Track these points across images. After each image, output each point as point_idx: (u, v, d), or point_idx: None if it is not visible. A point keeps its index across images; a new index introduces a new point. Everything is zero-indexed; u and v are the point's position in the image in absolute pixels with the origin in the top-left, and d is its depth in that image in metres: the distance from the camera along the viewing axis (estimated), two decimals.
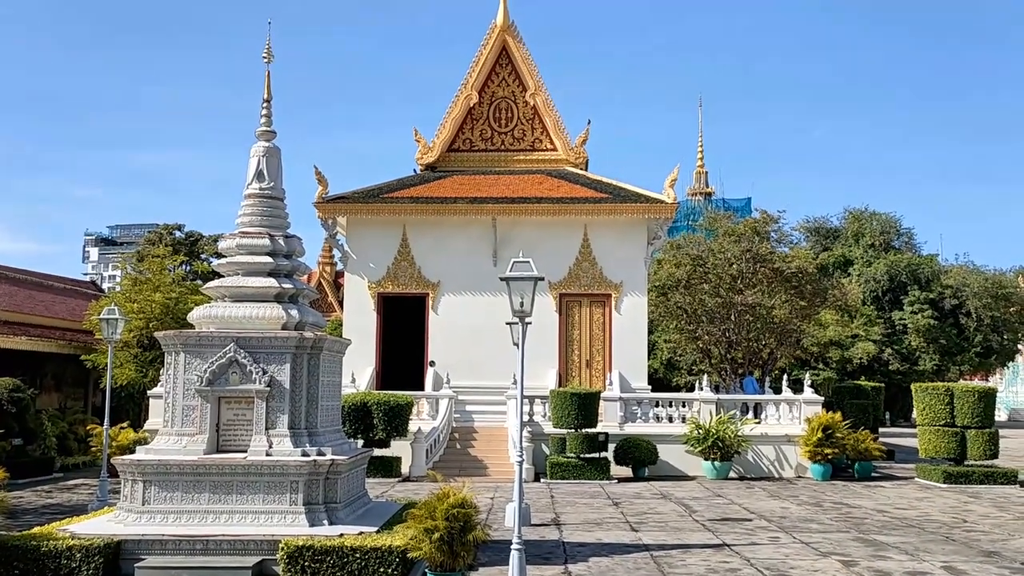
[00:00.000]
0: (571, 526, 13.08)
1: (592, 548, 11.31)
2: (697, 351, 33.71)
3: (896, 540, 11.89)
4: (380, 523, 10.44)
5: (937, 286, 47.18)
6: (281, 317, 10.73)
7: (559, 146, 25.98)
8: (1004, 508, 15.08)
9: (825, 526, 13.13)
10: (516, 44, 25.94)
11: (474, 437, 21.47)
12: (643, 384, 23.76)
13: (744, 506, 15.34)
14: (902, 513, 14.49)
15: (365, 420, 18.97)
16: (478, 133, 26.22)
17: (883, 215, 52.17)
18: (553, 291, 24.18)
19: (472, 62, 26.18)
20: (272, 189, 11.35)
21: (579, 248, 24.42)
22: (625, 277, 24.24)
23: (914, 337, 45.56)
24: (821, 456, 19.73)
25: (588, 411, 19.26)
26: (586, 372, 24.13)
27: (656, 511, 14.69)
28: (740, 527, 13.04)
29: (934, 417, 18.99)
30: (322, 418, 10.81)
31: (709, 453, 19.85)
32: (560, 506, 15.20)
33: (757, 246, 31.80)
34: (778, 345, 33.00)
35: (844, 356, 42.17)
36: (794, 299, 32.08)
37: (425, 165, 26.00)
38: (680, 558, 10.66)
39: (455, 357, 23.42)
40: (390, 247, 24.56)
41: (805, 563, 10.38)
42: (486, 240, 24.20)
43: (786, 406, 21.23)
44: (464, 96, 25.94)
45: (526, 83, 25.95)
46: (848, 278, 46.37)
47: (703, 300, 31.70)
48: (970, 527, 13.01)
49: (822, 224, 53.24)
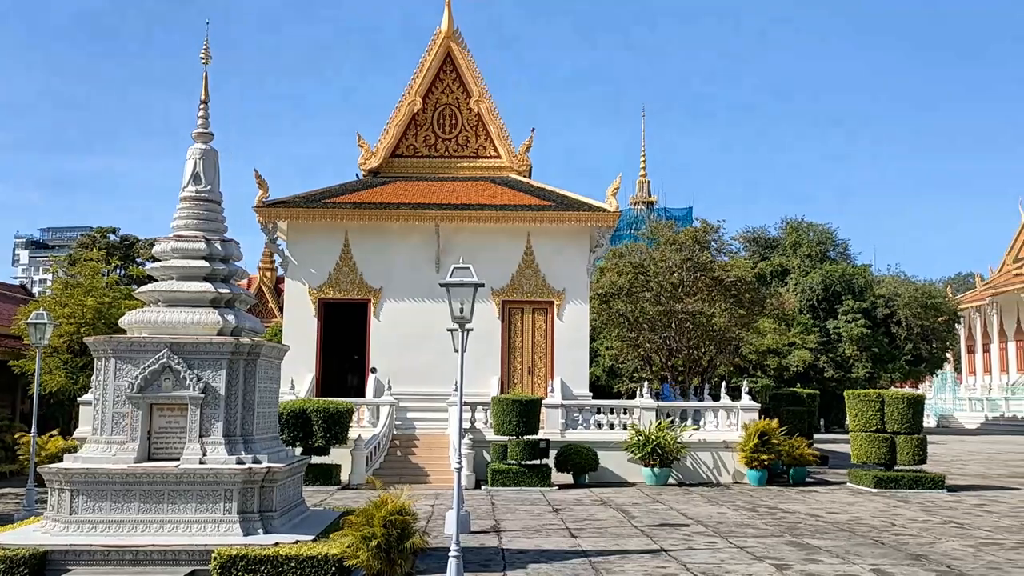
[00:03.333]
0: (511, 533, 13.08)
1: (531, 555, 11.32)
2: (638, 358, 34.04)
3: (828, 544, 12.13)
4: (317, 531, 10.31)
5: (870, 296, 48.39)
6: (217, 322, 10.54)
7: (503, 153, 26.04)
8: (931, 512, 15.49)
9: (760, 531, 13.33)
10: (461, 51, 25.96)
11: (415, 444, 21.35)
12: (585, 391, 23.89)
13: (682, 512, 15.51)
14: (834, 517, 14.79)
15: (304, 427, 18.74)
16: (422, 139, 26.15)
17: (819, 226, 53.37)
18: (496, 298, 24.21)
19: (416, 68, 26.13)
20: (209, 192, 11.16)
21: (522, 255, 24.49)
22: (567, 285, 24.38)
23: (848, 345, 46.62)
24: (757, 462, 20.04)
25: (530, 418, 19.29)
26: (528, 379, 24.18)
27: (596, 517, 14.77)
28: (678, 532, 13.18)
29: (865, 423, 19.43)
30: (258, 425, 10.65)
31: (649, 460, 20.03)
32: (500, 513, 15.19)
33: (698, 255, 32.27)
34: (717, 353, 33.51)
35: (781, 364, 42.96)
36: (733, 307, 32.61)
37: (368, 170, 25.84)
38: (618, 564, 10.72)
39: (397, 364, 23.28)
40: (332, 252, 24.34)
41: (740, 567, 10.53)
42: (429, 246, 24.12)
43: (724, 413, 21.53)
44: (408, 102, 25.85)
45: (470, 90, 25.97)
46: (785, 287, 47.35)
47: (644, 308, 32.04)
48: (899, 531, 13.33)
49: (760, 234, 54.28)
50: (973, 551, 11.61)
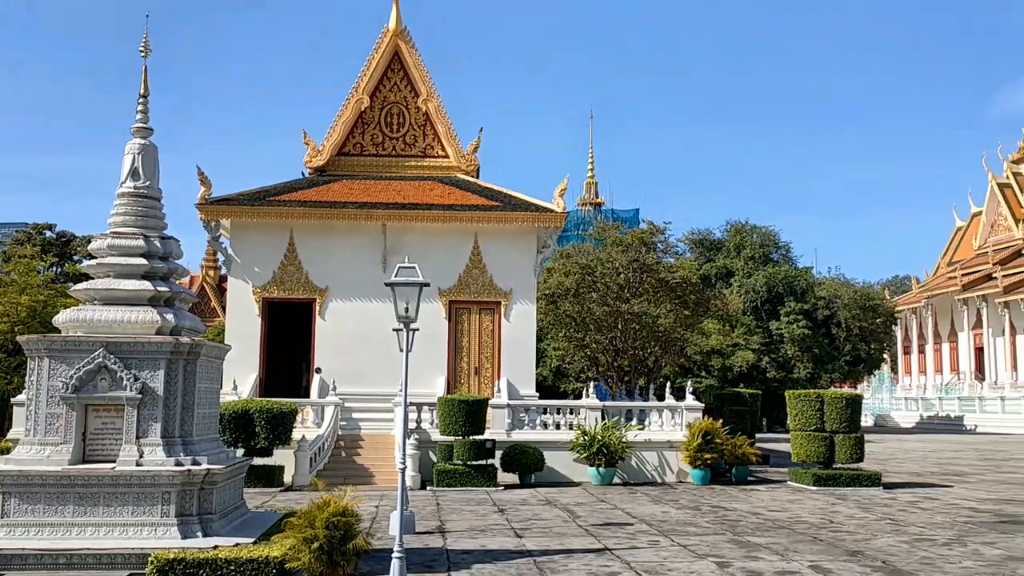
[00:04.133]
0: (456, 533, 13.04)
1: (476, 555, 11.30)
2: (585, 359, 34.25)
3: (768, 541, 12.32)
4: (258, 534, 10.16)
5: (811, 298, 49.35)
6: (155, 321, 10.33)
7: (451, 153, 25.98)
8: (868, 509, 15.83)
9: (703, 529, 13.49)
10: (408, 49, 25.83)
11: (360, 445, 21.18)
12: (531, 391, 23.95)
13: (627, 511, 15.62)
14: (774, 515, 15.04)
15: (246, 428, 18.46)
16: (369, 137, 25.97)
17: (763, 229, 54.29)
18: (443, 298, 24.13)
19: (364, 66, 25.94)
20: (148, 188, 10.93)
21: (469, 255, 24.46)
22: (515, 285, 24.41)
23: (790, 346, 47.48)
24: (701, 461, 20.28)
25: (476, 418, 19.26)
26: (475, 379, 24.16)
27: (541, 517, 14.80)
28: (622, 531, 13.27)
29: (806, 423, 19.78)
30: (198, 426, 10.46)
31: (594, 459, 20.14)
32: (446, 513, 15.14)
33: (644, 256, 32.60)
34: (663, 353, 33.88)
35: (725, 364, 43.60)
36: (678, 308, 32.99)
37: (314, 168, 25.58)
38: (563, 563, 10.76)
39: (343, 364, 23.08)
40: (276, 251, 24.03)
41: (682, 565, 10.64)
42: (376, 246, 23.96)
43: (669, 413, 21.75)
44: (355, 100, 25.65)
45: (418, 89, 25.86)
46: (729, 289, 48.05)
47: (591, 308, 32.26)
48: (836, 527, 13.60)
49: (706, 236, 55.01)
50: (907, 547, 11.89)
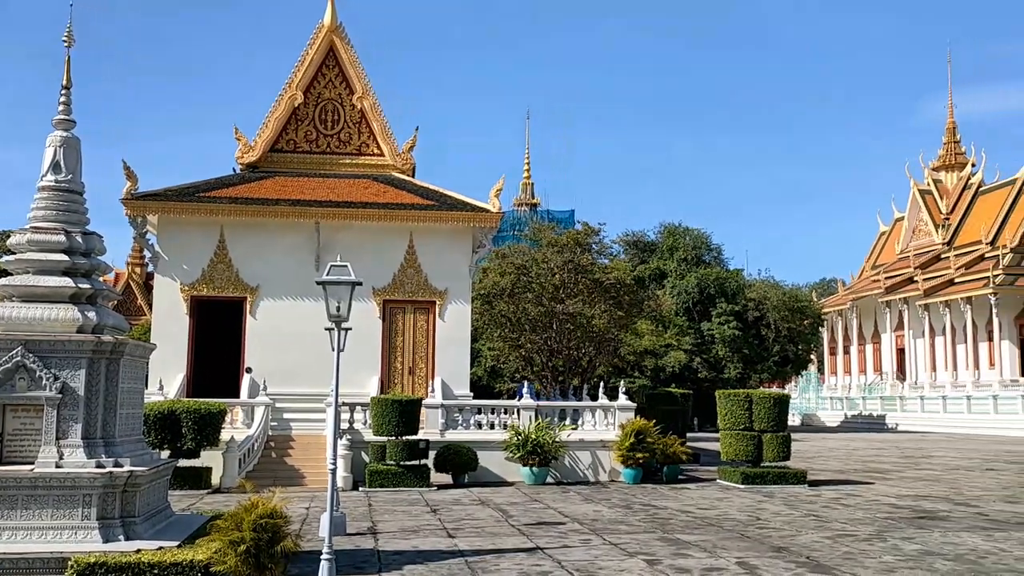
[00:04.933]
0: (388, 534, 12.95)
1: (408, 556, 11.23)
2: (520, 359, 34.38)
3: (697, 538, 12.51)
4: (183, 537, 9.94)
5: (742, 299, 50.33)
6: (77, 319, 10.02)
7: (386, 151, 25.80)
8: (794, 506, 16.20)
9: (633, 527, 13.64)
10: (344, 46, 25.58)
11: (291, 446, 20.89)
12: (466, 391, 23.92)
13: (559, 510, 15.71)
14: (703, 513, 15.28)
15: (173, 429, 18.04)
16: (303, 134, 25.64)
17: (695, 231, 55.21)
18: (377, 297, 23.95)
19: (298, 62, 25.60)
20: (70, 182, 10.59)
21: (404, 255, 24.32)
22: (450, 285, 24.34)
23: (721, 347, 48.34)
24: (633, 460, 20.50)
25: (409, 418, 19.15)
26: (409, 379, 24.03)
27: (474, 517, 14.79)
28: (554, 530, 13.34)
29: (735, 422, 20.15)
30: (121, 427, 10.18)
31: (528, 459, 20.20)
32: (378, 514, 15.03)
33: (579, 257, 32.87)
34: (597, 353, 34.20)
35: (658, 364, 44.19)
36: (613, 309, 33.34)
37: (246, 165, 25.15)
38: (494, 563, 10.77)
39: (274, 363, 22.73)
40: (206, 248, 23.56)
41: (613, 563, 10.73)
42: (309, 244, 23.66)
43: (602, 413, 21.94)
44: (289, 96, 25.30)
45: (353, 86, 25.62)
46: (662, 290, 48.74)
47: (526, 309, 32.39)
48: (763, 524, 13.88)
49: (639, 238, 55.71)
50: (830, 542, 12.20)
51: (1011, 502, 16.92)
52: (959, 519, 14.52)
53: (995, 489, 19.25)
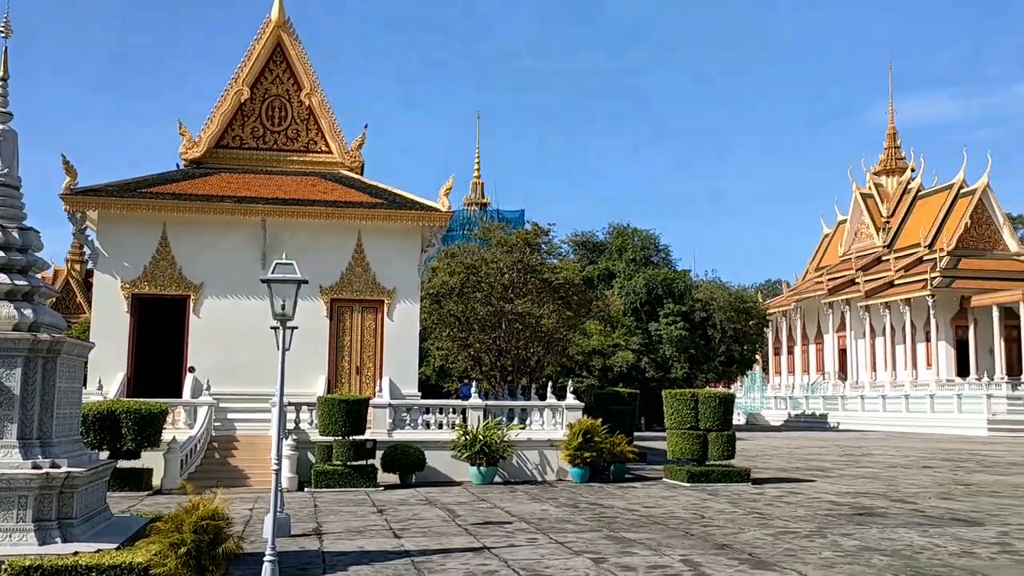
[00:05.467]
0: (333, 535, 12.83)
1: (353, 557, 11.14)
2: (468, 358, 34.34)
3: (642, 536, 12.62)
4: (122, 539, 9.73)
5: (689, 300, 50.91)
6: (12, 317, 9.75)
7: (335, 149, 25.58)
8: (737, 504, 16.43)
9: (580, 526, 13.71)
10: (292, 41, 25.29)
11: (235, 446, 20.59)
12: (414, 391, 23.82)
13: (506, 509, 15.72)
14: (649, 511, 15.42)
15: (112, 429, 17.65)
16: (249, 130, 25.29)
17: (644, 232, 55.70)
18: (324, 296, 23.73)
19: (245, 56, 25.26)
20: (6, 176, 10.30)
21: (352, 253, 24.13)
22: (398, 284, 24.22)
23: (668, 347, 48.84)
24: (581, 460, 20.61)
25: (356, 418, 19.01)
26: (356, 379, 23.85)
27: (421, 517, 14.73)
28: (501, 530, 13.34)
29: (681, 421, 20.36)
30: (58, 427, 9.94)
31: (476, 459, 20.19)
32: (323, 515, 14.88)
33: (528, 257, 32.94)
34: (546, 353, 34.31)
35: (606, 364, 44.50)
36: (561, 309, 33.49)
37: (190, 160, 24.73)
38: (440, 563, 10.73)
39: (218, 363, 22.38)
40: (148, 245, 23.11)
41: (559, 562, 10.77)
42: (255, 242, 23.34)
43: (550, 412, 22.02)
44: (235, 91, 24.94)
45: (301, 82, 25.35)
46: (611, 290, 49.10)
47: (475, 308, 32.37)
48: (707, 522, 14.05)
49: (589, 238, 56.04)
50: (772, 539, 12.40)
51: (945, 499, 17.38)
52: (896, 516, 14.86)
53: (931, 486, 19.76)
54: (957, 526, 13.70)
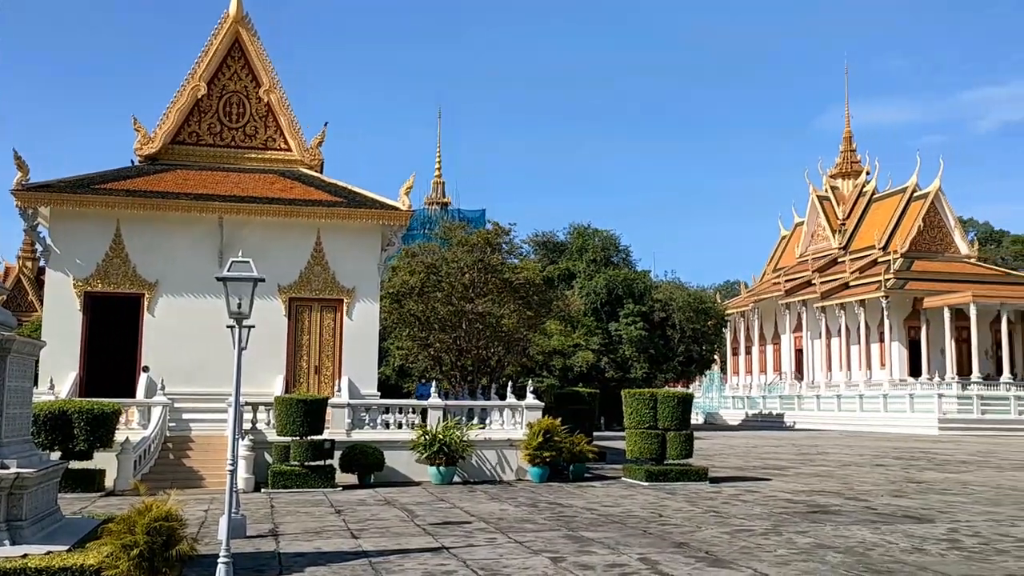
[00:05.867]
0: (290, 536, 12.70)
1: (310, 558, 11.04)
2: (428, 358, 34.25)
3: (601, 535, 12.67)
4: (73, 541, 9.54)
5: (649, 300, 51.26)
6: None
7: (294, 146, 25.34)
8: (695, 503, 16.56)
9: (539, 525, 13.72)
10: (250, 37, 25.00)
11: (190, 447, 20.30)
12: (373, 391, 23.68)
13: (465, 509, 15.69)
14: (608, 510, 15.49)
15: (64, 430, 17.30)
16: (206, 127, 24.95)
17: (604, 232, 55.98)
18: (283, 295, 23.49)
19: (202, 52, 24.91)
20: None
21: (311, 252, 23.92)
22: (358, 283, 24.06)
23: (628, 347, 49.13)
24: (540, 459, 20.64)
25: (315, 418, 18.85)
26: (315, 378, 23.64)
27: (379, 517, 14.65)
28: (460, 530, 13.31)
29: (640, 421, 20.48)
30: (7, 428, 9.72)
31: (435, 459, 20.12)
32: (280, 516, 14.73)
33: (489, 257, 32.92)
34: (506, 353, 34.33)
35: (566, 364, 44.63)
36: (522, 309, 33.53)
37: (145, 157, 24.34)
38: (398, 563, 10.68)
39: (174, 362, 22.06)
40: (101, 242, 22.69)
41: (517, 561, 10.77)
42: (212, 240, 23.04)
43: (510, 412, 22.02)
44: (192, 86, 24.59)
45: (260, 79, 25.07)
46: (571, 290, 49.25)
47: (436, 308, 32.29)
48: (665, 521, 14.15)
49: (549, 238, 56.19)
50: (729, 537, 12.52)
51: (897, 496, 17.69)
52: (850, 513, 15.09)
53: (883, 484, 20.10)
54: (908, 523, 13.94)
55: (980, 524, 13.85)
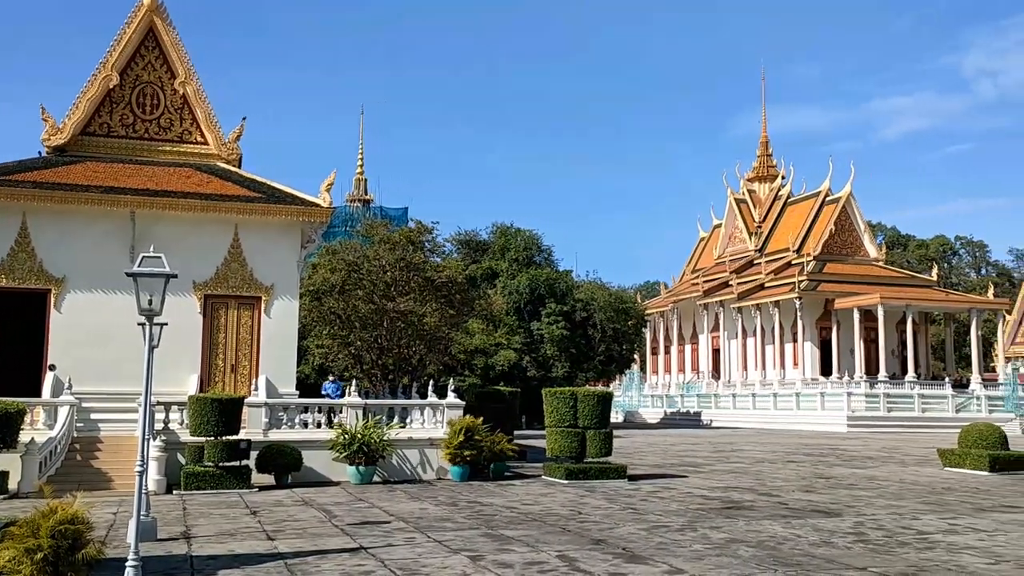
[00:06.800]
0: (203, 538, 12.41)
1: (223, 561, 10.80)
2: (349, 357, 33.87)
3: (520, 534, 12.72)
4: None
5: (570, 300, 51.69)
6: None
7: (211, 140, 24.75)
8: (613, 500, 16.77)
9: (459, 524, 13.70)
10: (165, 27, 24.31)
11: (99, 448, 19.64)
12: (291, 390, 23.28)
13: (385, 509, 15.57)
14: (528, 508, 15.56)
15: None
16: (118, 118, 24.17)
17: (527, 232, 56.25)
18: (198, 291, 22.91)
19: (115, 40, 24.11)
20: None
21: (228, 248, 23.38)
22: (277, 280, 23.61)
23: (549, 346, 49.45)
24: (461, 458, 20.61)
25: (230, 418, 18.44)
26: (231, 377, 23.13)
27: (296, 518, 14.42)
28: (379, 530, 13.20)
29: (560, 419, 20.63)
30: None
31: (354, 458, 19.91)
32: (193, 518, 14.38)
33: (411, 255, 32.74)
34: (428, 352, 34.19)
35: (488, 363, 44.70)
36: (444, 308, 33.44)
37: (53, 148, 23.44)
38: (315, 564, 10.53)
39: (83, 361, 21.28)
40: (5, 236, 21.76)
41: (436, 561, 10.73)
42: (123, 234, 22.31)
43: (431, 411, 21.93)
44: (103, 76, 23.79)
45: (175, 70, 24.40)
46: (494, 289, 49.35)
47: (357, 306, 31.97)
48: (584, 518, 14.29)
49: (472, 237, 56.21)
50: (646, 534, 12.71)
51: (808, 491, 18.23)
52: (762, 508, 15.49)
53: (794, 480, 20.69)
54: (817, 517, 14.38)
55: (884, 518, 14.37)
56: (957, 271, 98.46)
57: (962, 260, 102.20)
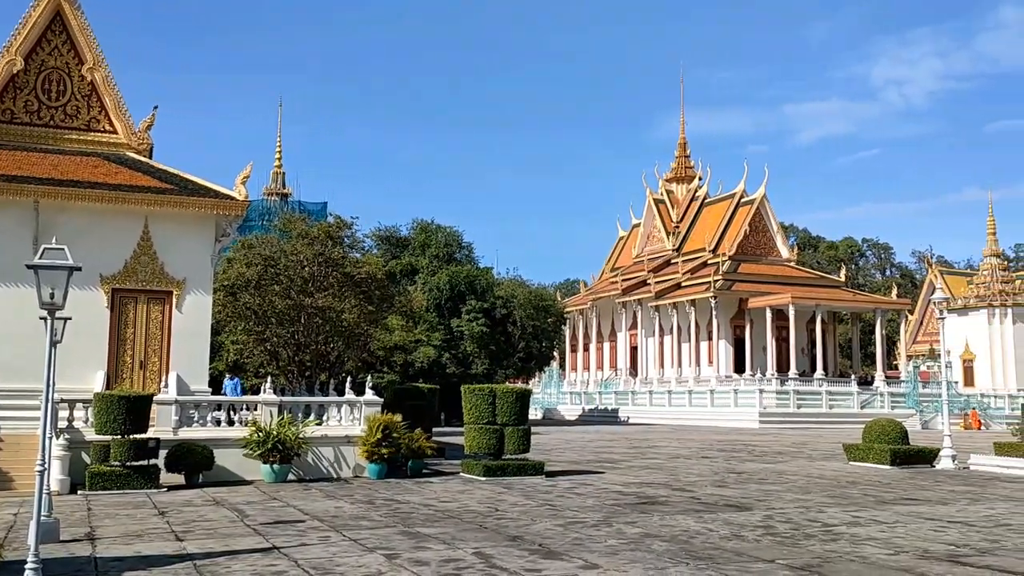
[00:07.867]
0: (108, 540, 12.00)
1: (129, 562, 10.47)
2: (265, 353, 33.24)
3: (437, 531, 12.67)
4: None
5: (491, 297, 51.78)
6: None
7: (120, 129, 23.95)
8: (531, 497, 16.85)
9: (375, 522, 13.57)
10: (73, 11, 23.42)
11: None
12: (204, 387, 22.71)
13: (299, 508, 15.32)
14: (445, 506, 15.51)
15: None
16: (22, 104, 23.20)
17: (447, 228, 56.12)
18: (105, 285, 22.16)
19: (19, 23, 23.13)
20: None
21: (138, 241, 22.68)
22: (189, 274, 23.00)
23: (469, 343, 49.45)
24: (378, 456, 20.42)
25: (138, 416, 17.87)
26: (140, 374, 22.44)
27: (206, 518, 14.07)
28: (293, 529, 12.98)
29: (479, 416, 20.64)
30: None
31: (269, 456, 19.53)
32: (98, 519, 13.90)
33: (330, 250, 32.31)
34: (346, 348, 33.81)
35: (407, 360, 44.45)
36: (363, 304, 33.11)
37: None
38: (226, 565, 10.29)
39: None
40: None
41: (351, 559, 10.61)
42: (26, 225, 21.41)
43: (348, 408, 21.66)
44: (7, 60, 22.81)
45: (83, 56, 23.53)
46: (414, 286, 49.08)
47: (273, 301, 31.40)
48: (501, 515, 14.31)
49: (392, 233, 55.81)
50: (562, 529, 12.80)
51: (720, 486, 18.64)
52: (676, 503, 15.77)
53: (708, 475, 21.13)
54: (729, 511, 14.72)
55: (792, 511, 14.79)
56: (864, 272, 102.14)
57: (868, 261, 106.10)
